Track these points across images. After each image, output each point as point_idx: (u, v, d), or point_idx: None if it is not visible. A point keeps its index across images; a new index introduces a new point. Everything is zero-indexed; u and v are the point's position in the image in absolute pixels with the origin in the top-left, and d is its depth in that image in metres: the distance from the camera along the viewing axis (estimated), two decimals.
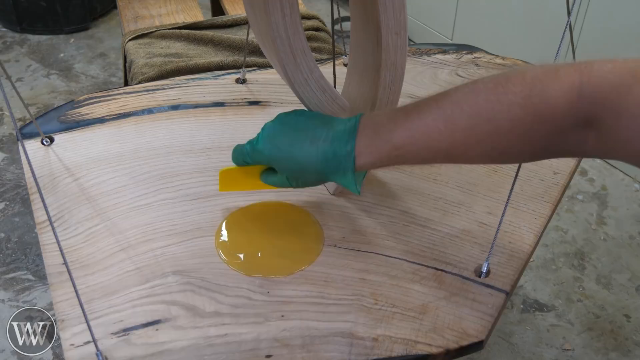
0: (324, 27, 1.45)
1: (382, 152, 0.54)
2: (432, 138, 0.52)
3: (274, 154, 0.58)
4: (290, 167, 0.58)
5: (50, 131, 0.81)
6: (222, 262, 0.63)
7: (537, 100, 0.47)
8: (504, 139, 0.50)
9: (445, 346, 0.56)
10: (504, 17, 1.98)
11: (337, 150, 0.55)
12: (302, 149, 0.56)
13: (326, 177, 0.57)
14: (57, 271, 0.61)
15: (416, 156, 0.53)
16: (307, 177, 0.59)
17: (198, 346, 0.55)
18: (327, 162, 0.55)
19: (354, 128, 0.55)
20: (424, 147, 0.52)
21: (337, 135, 0.55)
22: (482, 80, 0.51)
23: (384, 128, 0.54)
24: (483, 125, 0.50)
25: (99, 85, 2.17)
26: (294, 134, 0.57)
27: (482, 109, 0.49)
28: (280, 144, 0.58)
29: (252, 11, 0.64)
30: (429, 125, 0.51)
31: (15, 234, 1.56)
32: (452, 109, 0.51)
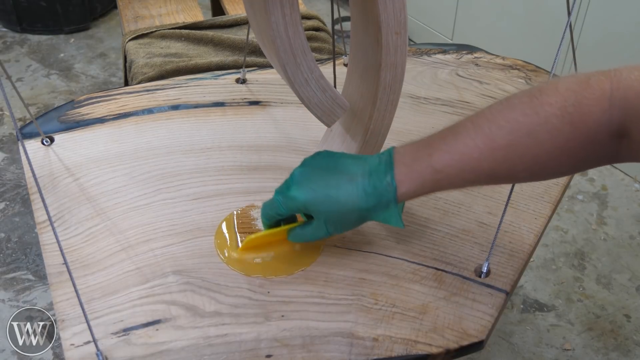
0: (324, 27, 1.45)
1: (424, 178, 0.52)
2: (472, 158, 0.50)
3: (311, 198, 0.55)
4: (329, 209, 0.55)
5: (51, 131, 0.81)
6: (222, 262, 0.63)
7: (572, 110, 0.47)
8: (544, 152, 0.49)
9: (445, 346, 0.56)
10: (504, 17, 1.98)
11: (376, 183, 0.53)
12: (341, 188, 0.54)
13: (368, 214, 0.55)
14: (57, 271, 0.61)
15: (458, 179, 0.52)
16: (347, 217, 0.55)
17: (198, 346, 0.55)
18: (368, 198, 0.53)
19: (390, 158, 0.53)
20: (466, 168, 0.51)
21: (373, 168, 0.54)
22: (516, 96, 0.51)
23: (421, 153, 0.52)
24: (523, 140, 0.49)
25: (99, 85, 2.17)
26: (328, 175, 0.55)
27: (520, 123, 0.49)
28: (316, 187, 0.55)
29: (252, 11, 0.64)
30: (468, 145, 0.51)
31: (16, 233, 1.56)
32: (490, 126, 0.50)
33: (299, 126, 0.84)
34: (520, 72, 0.99)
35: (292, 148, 0.80)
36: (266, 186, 0.73)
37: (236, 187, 0.73)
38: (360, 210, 0.54)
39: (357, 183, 0.54)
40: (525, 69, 1.00)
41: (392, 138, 0.81)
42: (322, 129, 0.76)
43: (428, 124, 0.86)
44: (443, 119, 0.87)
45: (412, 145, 0.54)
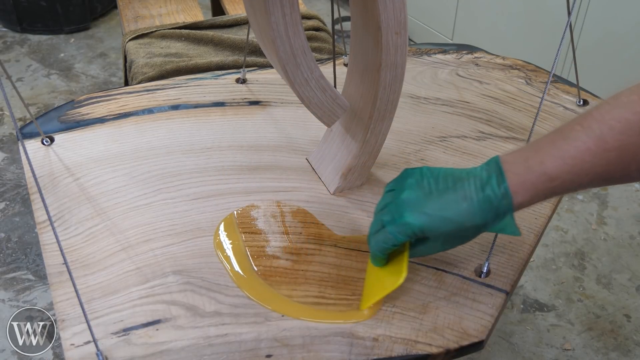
0: (324, 27, 1.45)
1: (537, 187, 0.51)
2: (586, 162, 0.49)
3: (427, 223, 0.53)
4: (446, 230, 0.53)
5: (51, 131, 0.81)
6: (221, 262, 0.63)
7: None
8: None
9: (445, 346, 0.56)
10: (504, 17, 1.98)
11: (491, 198, 0.52)
12: (455, 208, 0.53)
13: (485, 228, 0.54)
14: (57, 271, 0.61)
15: (573, 184, 0.51)
16: (464, 235, 0.55)
17: (198, 346, 0.55)
18: (484, 213, 0.52)
19: (499, 169, 0.52)
20: (580, 173, 0.50)
21: (484, 181, 0.53)
22: (624, 94, 0.50)
23: (532, 161, 0.51)
24: (635, 139, 0.48)
25: (99, 85, 2.17)
26: (440, 197, 0.53)
27: (632, 122, 0.48)
28: (431, 211, 0.53)
29: (252, 11, 0.64)
30: (580, 149, 0.49)
31: (16, 233, 1.56)
32: (600, 127, 0.49)
33: (299, 126, 0.84)
34: (520, 72, 0.99)
35: (292, 148, 0.80)
36: (266, 186, 0.73)
37: (236, 187, 0.73)
38: (478, 227, 0.53)
39: (472, 200, 0.52)
40: (525, 69, 1.00)
41: (392, 138, 0.81)
42: (322, 129, 0.76)
43: (428, 124, 0.86)
44: (443, 119, 0.87)
45: (519, 153, 0.53)
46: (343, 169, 0.72)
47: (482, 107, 0.90)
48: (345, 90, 0.72)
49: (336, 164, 0.73)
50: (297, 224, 0.68)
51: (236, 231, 0.67)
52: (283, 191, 0.73)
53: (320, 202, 0.72)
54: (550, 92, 0.94)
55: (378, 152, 0.72)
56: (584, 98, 0.92)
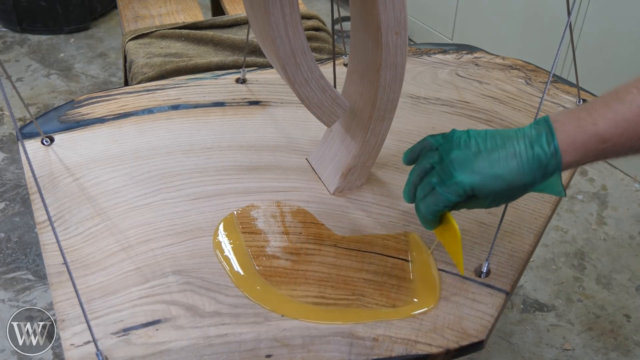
0: (324, 27, 1.45)
1: (587, 147, 0.50)
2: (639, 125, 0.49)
3: (478, 181, 0.53)
4: (496, 189, 0.53)
5: (51, 131, 0.81)
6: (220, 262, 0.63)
7: None
8: None
9: (445, 346, 0.56)
10: (504, 17, 1.98)
11: (540, 156, 0.51)
12: (507, 166, 0.52)
13: (532, 187, 0.54)
14: (57, 271, 0.61)
15: (624, 147, 0.50)
16: (514, 193, 0.54)
17: (198, 346, 0.55)
18: (534, 172, 0.52)
19: (550, 128, 0.52)
20: (633, 136, 0.49)
21: (534, 139, 0.52)
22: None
23: (584, 122, 0.50)
24: None
25: (99, 85, 2.17)
26: (491, 155, 0.53)
27: None
28: (480, 169, 0.53)
29: (252, 11, 0.64)
30: (635, 112, 0.49)
31: (16, 233, 1.56)
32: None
33: (299, 126, 0.84)
34: (520, 72, 0.99)
35: (292, 148, 0.80)
36: (266, 186, 0.73)
37: (236, 187, 0.73)
38: (526, 185, 0.53)
39: (521, 158, 0.52)
40: (525, 69, 1.00)
41: (392, 138, 0.81)
42: (322, 129, 0.76)
43: (428, 124, 0.86)
44: (443, 119, 0.87)
45: (571, 113, 0.52)
46: (343, 169, 0.72)
47: (482, 107, 0.90)
48: (345, 90, 0.72)
49: (336, 164, 0.73)
50: (297, 224, 0.68)
51: (237, 231, 0.67)
52: (283, 191, 0.73)
53: (320, 202, 0.72)
54: (550, 92, 0.94)
55: (378, 152, 0.72)
56: (584, 98, 0.92)
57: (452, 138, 0.55)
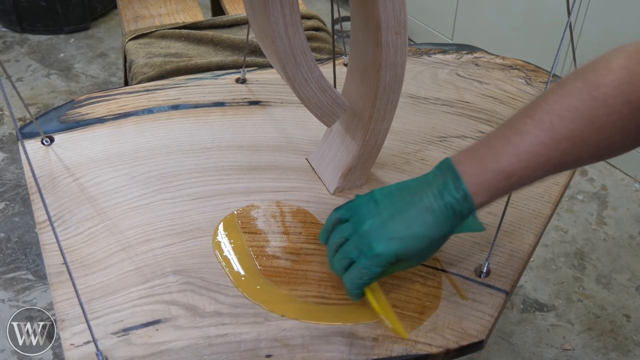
0: (324, 27, 1.45)
1: (497, 184, 0.50)
2: (541, 155, 0.49)
3: (399, 247, 0.52)
4: (420, 247, 0.52)
5: (50, 131, 0.81)
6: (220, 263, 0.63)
7: (628, 88, 0.46)
8: (607, 136, 0.48)
9: (445, 346, 0.56)
10: (504, 17, 1.98)
11: (452, 204, 0.51)
12: (423, 223, 0.51)
13: (452, 233, 0.53)
14: (57, 271, 0.61)
15: (530, 178, 0.51)
16: (436, 245, 0.53)
17: (198, 346, 0.55)
18: (449, 220, 0.51)
19: (454, 173, 0.51)
20: (536, 166, 0.49)
21: (442, 188, 0.51)
22: (569, 80, 0.50)
23: (487, 160, 0.50)
24: (586, 127, 0.48)
25: (99, 85, 2.17)
26: (402, 217, 0.52)
27: (580, 110, 0.48)
28: (398, 234, 0.52)
29: (252, 11, 0.64)
30: (533, 143, 0.49)
31: (16, 233, 1.56)
32: (551, 119, 0.49)
33: (299, 126, 0.84)
34: (520, 72, 0.99)
35: (292, 148, 0.80)
36: (266, 186, 0.73)
37: (236, 187, 0.73)
38: (446, 235, 0.53)
39: (434, 210, 0.51)
40: (525, 69, 1.00)
41: (392, 138, 0.81)
42: (322, 129, 0.76)
43: (428, 124, 0.86)
44: (443, 119, 0.87)
45: (473, 153, 0.52)
46: (343, 169, 0.72)
47: (482, 107, 0.90)
48: (345, 90, 0.72)
49: (336, 164, 0.73)
50: (297, 224, 0.68)
51: (237, 231, 0.67)
52: (283, 191, 0.73)
53: (320, 202, 0.72)
54: None
55: (378, 152, 0.72)
56: None
57: (360, 206, 0.54)
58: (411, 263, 0.55)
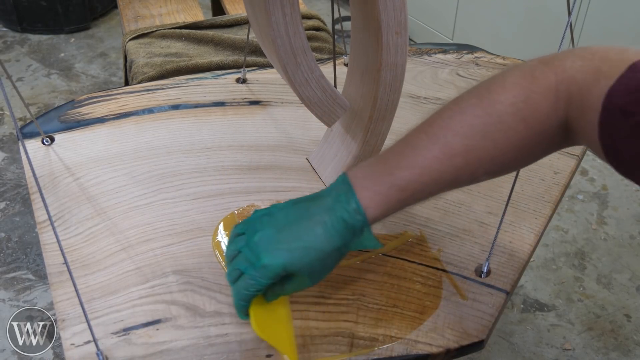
0: (325, 26, 1.45)
1: (389, 199, 0.50)
2: (434, 170, 0.49)
3: (288, 259, 0.50)
4: (309, 260, 0.50)
5: (51, 131, 0.81)
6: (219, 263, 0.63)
7: (523, 106, 0.47)
8: (501, 152, 0.49)
9: (445, 346, 0.56)
10: (504, 17, 1.98)
11: (344, 217, 0.49)
12: (314, 235, 0.50)
13: (346, 248, 0.52)
14: (57, 271, 0.61)
15: (423, 192, 0.50)
16: (328, 261, 0.51)
17: (198, 346, 0.55)
18: (341, 234, 0.50)
19: (348, 187, 0.50)
20: (429, 181, 0.49)
21: (334, 202, 0.50)
22: (463, 98, 0.50)
23: (380, 174, 0.50)
24: (480, 143, 0.48)
25: (99, 85, 2.17)
26: (293, 228, 0.51)
27: (474, 126, 0.48)
28: (287, 245, 0.50)
29: (253, 11, 0.64)
30: (427, 158, 0.49)
31: (16, 233, 1.56)
32: (445, 134, 0.49)
33: (299, 126, 0.84)
34: None
35: (292, 148, 0.80)
36: (266, 186, 0.73)
37: (236, 187, 0.73)
38: (339, 249, 0.51)
39: (325, 223, 0.50)
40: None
41: (392, 138, 0.80)
42: (322, 129, 0.76)
43: None
44: None
45: (367, 167, 0.52)
46: (343, 169, 0.72)
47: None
48: (345, 90, 0.72)
49: (336, 164, 0.73)
50: None
51: None
52: (283, 191, 0.73)
53: None
54: None
55: (378, 152, 0.72)
56: None
57: (255, 220, 0.53)
58: (304, 281, 0.52)
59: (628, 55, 0.43)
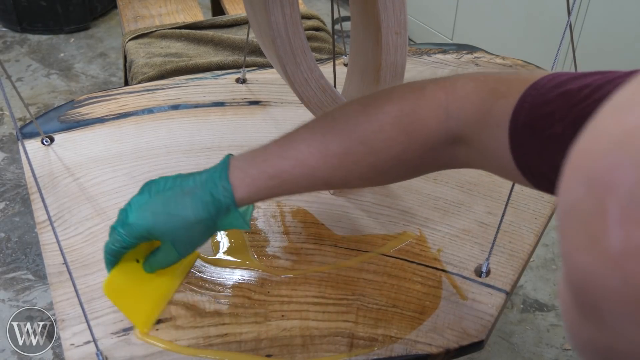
0: (324, 26, 1.45)
1: (259, 183, 0.51)
2: (307, 165, 0.50)
3: (152, 221, 0.52)
4: (173, 227, 0.52)
5: (51, 131, 0.81)
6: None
7: (407, 120, 0.48)
8: (380, 161, 0.49)
9: (445, 346, 0.56)
10: (504, 17, 1.98)
11: (212, 190, 0.51)
12: (180, 203, 0.52)
13: (212, 223, 0.52)
14: (57, 271, 0.61)
15: (293, 185, 0.51)
16: (192, 232, 0.53)
17: (198, 346, 0.55)
18: (207, 206, 0.51)
19: (225, 165, 0.52)
20: (300, 175, 0.50)
21: (209, 176, 0.52)
22: (352, 103, 0.51)
23: (257, 159, 0.51)
24: (357, 148, 0.49)
25: (99, 85, 2.17)
26: (164, 195, 0.52)
27: (354, 132, 0.49)
28: (154, 208, 0.52)
29: (252, 11, 0.64)
30: (303, 152, 0.50)
31: (16, 233, 1.56)
32: (324, 133, 0.50)
33: None
34: None
35: None
36: None
37: None
38: (203, 221, 0.52)
39: (195, 194, 0.52)
40: (525, 69, 1.00)
41: None
42: None
43: None
44: None
45: (250, 152, 0.53)
46: None
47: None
48: (345, 90, 0.72)
49: None
50: (297, 224, 0.68)
51: (237, 231, 0.67)
52: None
53: (320, 202, 0.72)
54: None
55: None
56: None
57: (144, 185, 0.55)
58: (171, 251, 0.54)
59: (525, 77, 0.43)
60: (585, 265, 0.18)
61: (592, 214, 0.18)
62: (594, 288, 0.18)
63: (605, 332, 0.18)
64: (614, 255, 0.17)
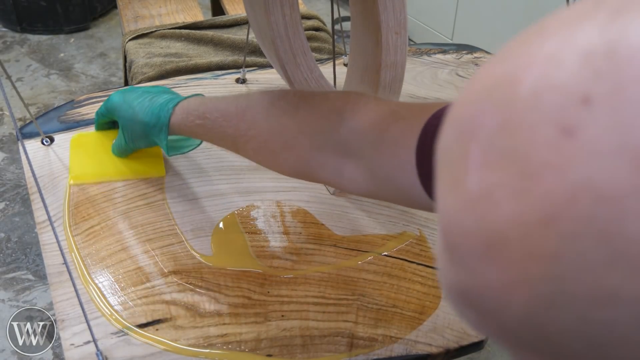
0: (324, 27, 1.45)
1: (189, 117, 0.59)
2: (223, 118, 0.56)
3: (118, 102, 0.67)
4: (126, 114, 0.66)
5: (50, 131, 0.80)
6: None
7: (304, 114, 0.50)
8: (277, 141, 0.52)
9: (445, 346, 0.56)
10: (504, 17, 1.98)
11: (161, 105, 0.62)
12: (140, 103, 0.64)
13: (149, 130, 0.63)
14: (57, 271, 0.61)
15: (212, 130, 0.58)
16: (134, 127, 0.65)
17: (198, 346, 0.55)
18: (150, 115, 0.63)
19: (181, 98, 0.62)
20: (218, 125, 0.57)
21: (169, 99, 0.63)
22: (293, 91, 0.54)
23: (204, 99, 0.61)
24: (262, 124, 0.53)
25: (99, 85, 2.17)
26: (142, 93, 0.66)
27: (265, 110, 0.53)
28: (128, 97, 0.67)
29: (252, 11, 0.64)
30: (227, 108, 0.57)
31: (16, 233, 1.56)
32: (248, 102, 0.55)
33: None
34: None
35: None
36: (266, 186, 0.73)
37: (236, 187, 0.73)
38: (143, 124, 0.64)
39: (153, 101, 0.63)
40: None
41: None
42: None
43: None
44: None
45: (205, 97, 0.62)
46: None
47: None
48: (345, 90, 0.72)
49: None
50: (297, 224, 0.68)
51: (237, 231, 0.67)
52: (283, 191, 0.73)
53: (320, 202, 0.72)
54: None
55: None
56: None
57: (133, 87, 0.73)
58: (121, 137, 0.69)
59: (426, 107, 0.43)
60: (448, 207, 0.19)
61: (457, 158, 0.19)
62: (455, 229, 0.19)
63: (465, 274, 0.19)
64: (470, 197, 0.18)
